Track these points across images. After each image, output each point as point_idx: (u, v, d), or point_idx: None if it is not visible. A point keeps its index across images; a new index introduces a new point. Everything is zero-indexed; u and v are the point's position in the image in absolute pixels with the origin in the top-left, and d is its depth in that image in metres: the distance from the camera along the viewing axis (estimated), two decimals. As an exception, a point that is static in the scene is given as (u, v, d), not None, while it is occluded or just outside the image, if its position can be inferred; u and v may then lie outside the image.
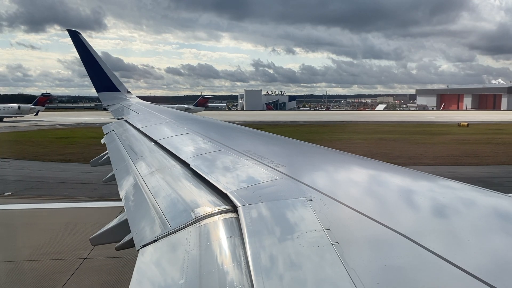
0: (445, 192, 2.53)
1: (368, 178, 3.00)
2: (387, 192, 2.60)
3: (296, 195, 2.39)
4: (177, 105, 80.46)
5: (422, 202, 2.33)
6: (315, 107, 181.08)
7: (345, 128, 54.76)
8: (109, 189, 16.00)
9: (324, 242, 1.76)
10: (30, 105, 75.18)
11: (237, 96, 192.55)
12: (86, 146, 31.88)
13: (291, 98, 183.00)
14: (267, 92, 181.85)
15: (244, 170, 3.18)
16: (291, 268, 1.64)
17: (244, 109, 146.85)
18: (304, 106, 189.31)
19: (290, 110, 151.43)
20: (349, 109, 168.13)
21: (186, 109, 76.40)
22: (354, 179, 2.99)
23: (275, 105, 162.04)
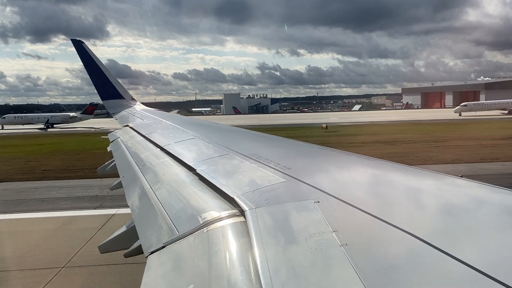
0: (455, 191, 2.49)
1: (375, 178, 2.98)
2: (394, 192, 2.58)
3: (303, 197, 2.38)
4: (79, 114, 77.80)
5: (431, 201, 2.31)
6: (306, 108, 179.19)
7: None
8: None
9: (332, 244, 1.74)
10: None
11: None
12: None
13: (274, 100, 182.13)
14: (249, 95, 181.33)
15: (250, 173, 3.17)
16: (300, 270, 1.63)
17: (224, 113, 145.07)
18: (292, 108, 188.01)
19: (272, 112, 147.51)
20: (333, 110, 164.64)
21: (71, 117, 75.57)
22: (360, 180, 2.97)
23: (257, 108, 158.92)
